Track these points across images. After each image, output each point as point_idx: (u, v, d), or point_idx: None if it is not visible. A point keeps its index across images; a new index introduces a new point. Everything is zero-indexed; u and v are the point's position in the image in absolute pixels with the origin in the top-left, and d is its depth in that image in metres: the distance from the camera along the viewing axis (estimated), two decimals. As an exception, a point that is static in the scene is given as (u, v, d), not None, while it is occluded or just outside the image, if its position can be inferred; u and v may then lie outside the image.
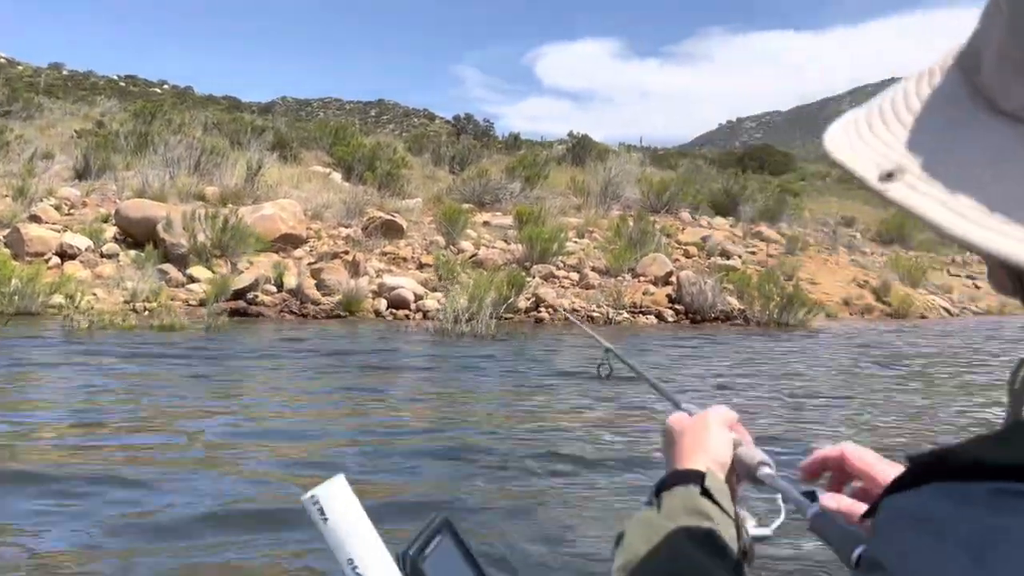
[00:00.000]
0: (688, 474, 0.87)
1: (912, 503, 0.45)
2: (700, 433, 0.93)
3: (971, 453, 0.45)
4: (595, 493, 4.20)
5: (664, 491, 0.86)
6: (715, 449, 0.91)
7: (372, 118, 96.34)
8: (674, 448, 0.94)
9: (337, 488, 0.92)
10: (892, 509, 0.47)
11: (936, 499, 0.44)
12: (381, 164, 20.24)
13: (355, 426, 5.58)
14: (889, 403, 7.13)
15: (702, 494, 0.84)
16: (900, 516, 0.45)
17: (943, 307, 18.65)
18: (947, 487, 0.44)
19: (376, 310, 12.92)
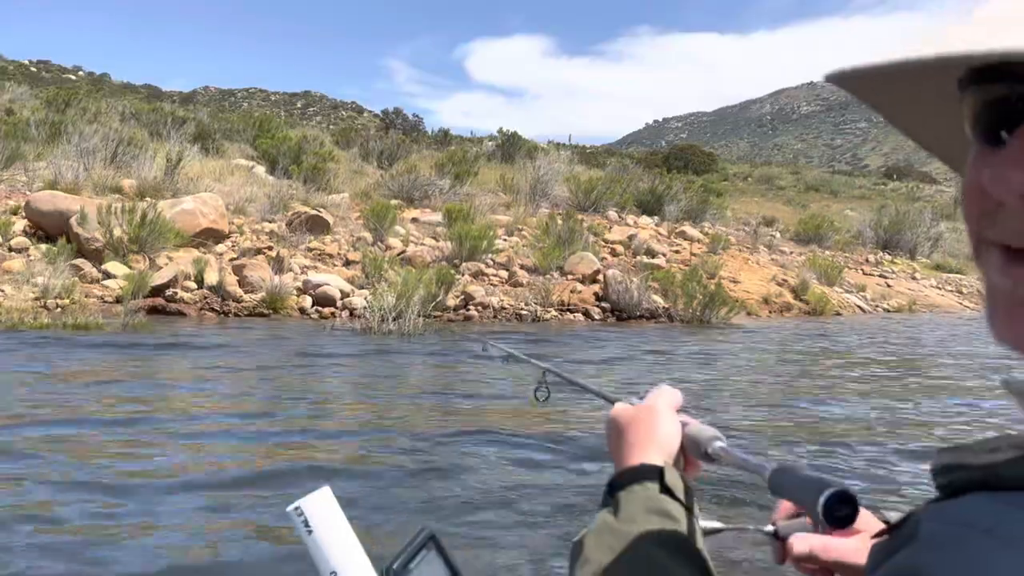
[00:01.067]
0: (644, 470, 0.81)
1: (966, 511, 0.43)
2: (648, 421, 0.87)
3: (1010, 474, 0.44)
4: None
5: (621, 491, 0.80)
6: (665, 436, 0.86)
7: (299, 110, 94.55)
8: (623, 441, 0.88)
9: (322, 499, 0.90)
10: (942, 518, 0.44)
11: (994, 509, 0.42)
12: (307, 158, 19.92)
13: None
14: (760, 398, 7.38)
15: (662, 491, 0.79)
16: (954, 524, 0.43)
17: (857, 305, 19.39)
18: (1000, 496, 0.43)
19: (301, 308, 12.70)
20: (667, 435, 0.86)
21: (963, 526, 0.42)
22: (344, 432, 5.44)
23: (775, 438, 5.59)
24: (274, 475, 4.32)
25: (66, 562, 3.18)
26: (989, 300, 0.49)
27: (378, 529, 3.51)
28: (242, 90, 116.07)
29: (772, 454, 4.92)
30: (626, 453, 0.86)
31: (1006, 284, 0.47)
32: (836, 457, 5.10)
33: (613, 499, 0.80)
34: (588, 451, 4.84)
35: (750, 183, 44.18)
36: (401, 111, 41.56)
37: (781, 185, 45.30)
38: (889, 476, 4.68)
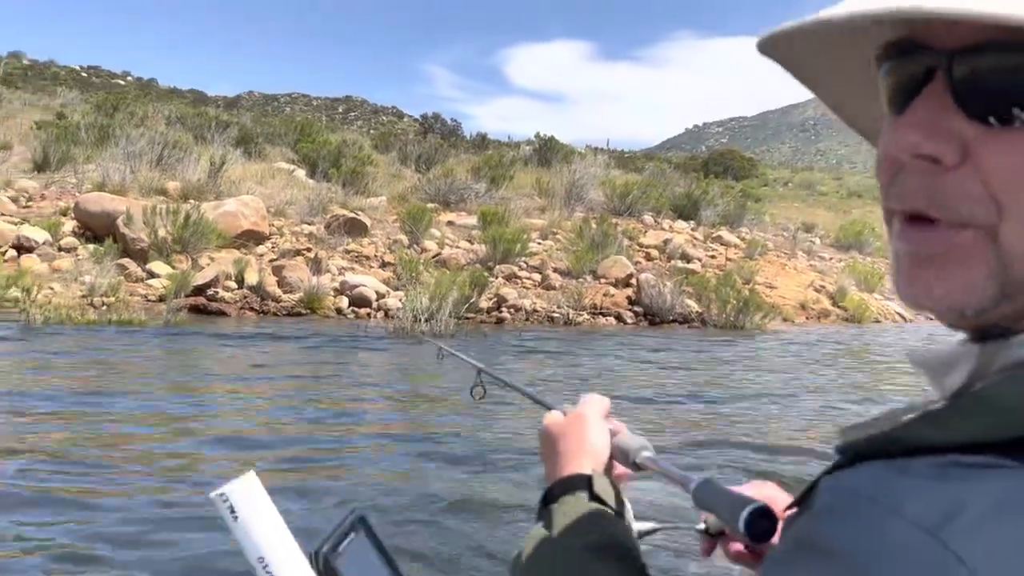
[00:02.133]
0: (573, 480, 0.83)
1: (856, 481, 0.44)
2: (577, 431, 0.89)
3: (907, 435, 0.45)
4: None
5: (553, 503, 0.81)
6: (594, 445, 0.87)
7: (340, 115, 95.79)
8: (554, 452, 0.89)
9: (248, 485, 0.88)
10: (836, 488, 0.45)
11: (882, 477, 0.43)
12: (346, 161, 20.21)
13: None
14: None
15: (592, 500, 0.80)
16: (847, 495, 0.43)
17: (897, 312, 19.10)
18: (889, 464, 0.43)
19: (338, 308, 12.93)
20: (596, 444, 0.87)
21: (852, 495, 0.43)
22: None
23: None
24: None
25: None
26: (893, 265, 0.52)
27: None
28: (285, 95, 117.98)
29: (694, 466, 4.73)
30: (557, 464, 0.87)
31: (907, 245, 0.50)
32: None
33: (546, 511, 0.81)
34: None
35: (791, 188, 43.67)
36: (440, 116, 41.90)
37: (823, 191, 44.70)
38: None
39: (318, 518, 3.52)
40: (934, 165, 0.47)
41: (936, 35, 0.47)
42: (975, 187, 0.46)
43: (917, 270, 0.49)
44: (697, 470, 0.91)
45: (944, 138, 0.46)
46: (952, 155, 0.46)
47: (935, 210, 0.48)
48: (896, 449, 0.44)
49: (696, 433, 5.70)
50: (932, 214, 0.48)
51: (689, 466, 3.91)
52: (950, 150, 0.46)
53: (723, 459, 4.61)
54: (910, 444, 0.44)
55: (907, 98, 0.49)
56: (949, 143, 0.46)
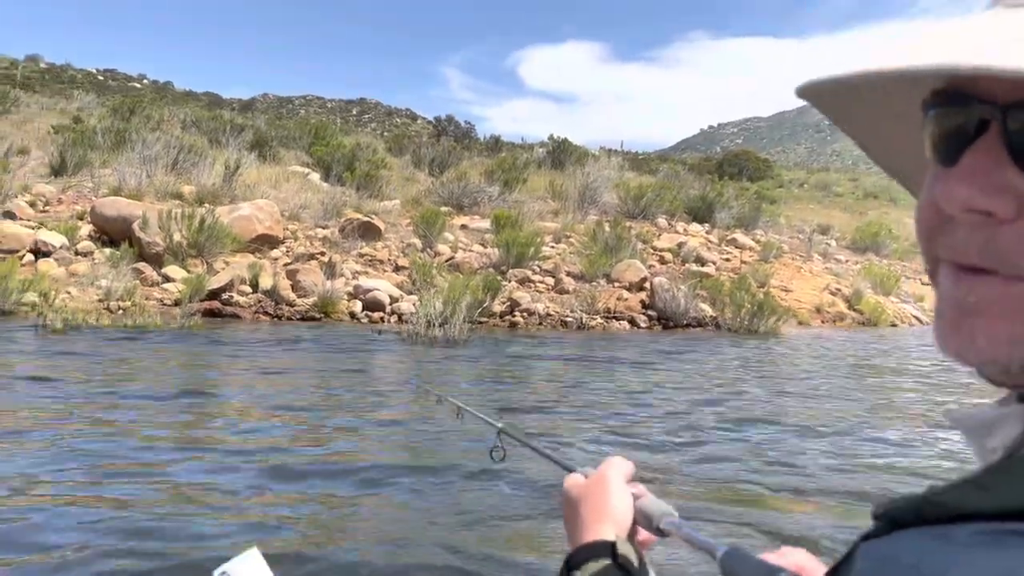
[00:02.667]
0: (596, 547, 0.82)
1: (894, 548, 0.43)
2: (600, 495, 0.88)
3: (949, 500, 0.43)
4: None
5: (575, 570, 0.80)
6: (617, 510, 0.87)
7: (354, 117, 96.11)
8: (576, 516, 0.88)
9: (250, 561, 0.87)
10: (875, 557, 0.43)
11: (922, 544, 0.41)
12: (360, 165, 20.28)
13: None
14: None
15: (615, 566, 0.79)
16: (884, 564, 0.42)
17: (914, 316, 18.94)
18: (928, 531, 0.42)
19: (351, 312, 12.96)
20: (619, 509, 0.87)
21: (892, 563, 0.42)
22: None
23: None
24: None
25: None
26: (937, 311, 0.50)
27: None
28: (299, 97, 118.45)
29: (719, 533, 4.03)
30: (580, 529, 0.86)
31: (955, 293, 0.48)
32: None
33: None
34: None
35: (806, 189, 43.42)
36: (453, 118, 41.92)
37: (838, 192, 44.41)
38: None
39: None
40: (987, 218, 0.46)
41: (987, 86, 0.46)
42: None
43: (962, 318, 0.48)
44: (725, 530, 0.88)
45: (999, 192, 0.45)
46: (1007, 209, 0.45)
47: (990, 263, 0.47)
48: (937, 514, 0.42)
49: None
50: (987, 266, 0.47)
51: (718, 528, 3.71)
52: (1005, 204, 0.45)
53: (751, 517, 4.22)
54: (952, 510, 0.42)
55: (957, 149, 0.48)
56: (1004, 197, 0.45)
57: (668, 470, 4.89)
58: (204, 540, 3.49)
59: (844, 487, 4.63)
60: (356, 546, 3.53)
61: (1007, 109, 0.45)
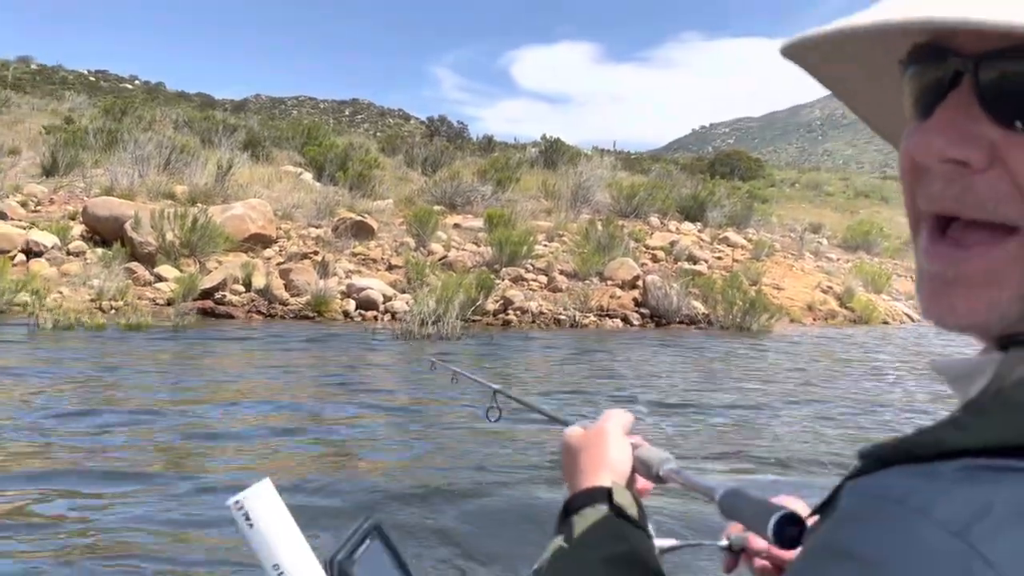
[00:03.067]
0: (594, 493, 0.82)
1: (882, 486, 0.43)
2: (598, 445, 0.88)
3: (931, 439, 0.44)
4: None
5: (573, 515, 0.81)
6: (615, 459, 0.87)
7: (347, 117, 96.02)
8: (574, 466, 0.89)
9: (263, 492, 0.87)
10: (860, 494, 0.44)
11: (907, 480, 0.42)
12: (353, 164, 20.27)
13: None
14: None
15: (612, 512, 0.80)
16: (872, 500, 0.43)
17: (906, 313, 19.03)
18: (913, 468, 0.43)
19: (345, 311, 12.97)
20: (617, 458, 0.87)
21: (878, 499, 0.42)
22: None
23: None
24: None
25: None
26: (917, 278, 0.52)
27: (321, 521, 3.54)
28: (292, 98, 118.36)
29: (717, 474, 4.59)
30: (578, 478, 0.86)
31: (930, 266, 0.50)
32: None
33: (566, 524, 0.81)
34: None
35: (797, 189, 43.57)
36: (446, 118, 42.00)
37: (829, 191, 44.57)
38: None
39: (327, 523, 3.54)
40: (962, 168, 0.47)
41: (962, 40, 0.47)
42: (1005, 187, 0.46)
43: (942, 288, 0.50)
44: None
45: (971, 142, 0.47)
46: (980, 159, 0.47)
47: (966, 211, 0.48)
48: (921, 453, 0.43)
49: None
50: (964, 215, 0.48)
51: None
52: (978, 154, 0.47)
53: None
54: (935, 448, 0.43)
55: (933, 102, 0.49)
56: (977, 147, 0.46)
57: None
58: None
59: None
60: (358, 477, 3.71)
61: (979, 60, 0.46)
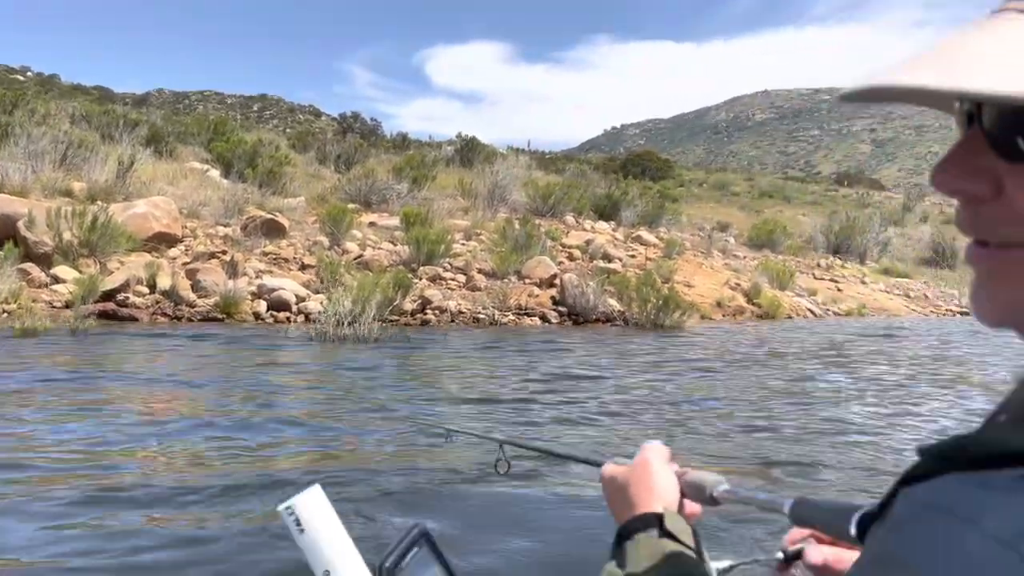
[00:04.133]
0: (645, 519, 0.84)
1: (934, 494, 0.44)
2: (644, 477, 0.91)
3: (991, 440, 0.44)
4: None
5: (626, 541, 0.83)
6: (663, 487, 0.90)
7: (255, 113, 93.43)
8: (623, 499, 0.91)
9: (314, 498, 0.91)
10: (912, 502, 0.45)
11: (959, 489, 0.42)
12: (263, 161, 19.73)
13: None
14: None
15: (664, 536, 0.82)
16: (923, 508, 0.43)
17: (809, 309, 19.79)
18: (968, 476, 0.43)
19: (255, 312, 12.59)
20: (665, 486, 0.90)
21: (928, 507, 0.43)
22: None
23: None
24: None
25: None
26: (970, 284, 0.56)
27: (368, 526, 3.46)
28: (196, 93, 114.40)
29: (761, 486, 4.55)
30: (628, 509, 0.89)
31: (971, 268, 0.54)
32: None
33: (619, 550, 0.83)
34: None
35: (705, 189, 44.87)
36: (359, 115, 41.39)
37: (736, 191, 46.08)
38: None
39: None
40: (972, 198, 0.52)
41: None
42: (1011, 213, 0.50)
43: (975, 289, 0.53)
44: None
45: (976, 175, 0.50)
46: (984, 190, 0.50)
47: (982, 235, 0.52)
48: (980, 454, 0.44)
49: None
50: (981, 238, 0.52)
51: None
52: (983, 186, 0.50)
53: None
54: (995, 449, 0.43)
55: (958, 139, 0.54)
56: (980, 179, 0.50)
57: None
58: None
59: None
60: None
61: (981, 103, 0.50)
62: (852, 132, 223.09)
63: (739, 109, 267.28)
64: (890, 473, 4.69)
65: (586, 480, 4.02)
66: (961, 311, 23.41)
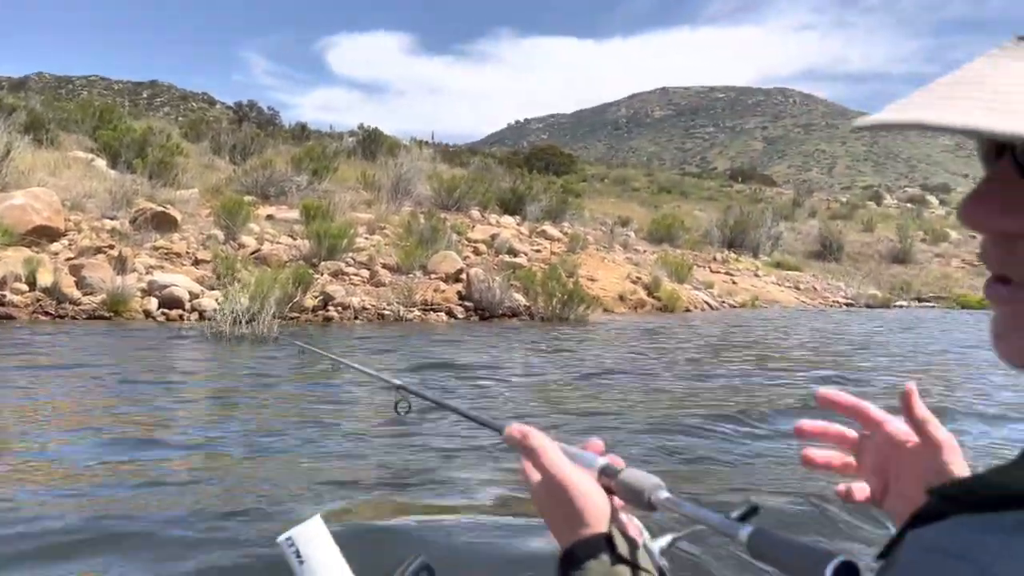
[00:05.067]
0: (593, 543, 0.77)
1: (941, 537, 0.44)
2: (567, 491, 0.81)
3: (997, 482, 0.45)
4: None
5: (574, 571, 0.76)
6: (595, 502, 0.80)
7: (144, 100, 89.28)
8: (555, 518, 0.82)
9: (314, 529, 0.90)
10: (921, 546, 0.45)
11: (966, 532, 0.43)
12: (153, 151, 18.83)
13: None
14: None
15: (618, 563, 0.75)
16: (930, 551, 0.44)
17: (706, 301, 20.40)
18: (975, 519, 0.43)
19: (146, 310, 11.99)
20: (596, 501, 0.81)
21: (938, 552, 0.43)
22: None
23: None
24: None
25: None
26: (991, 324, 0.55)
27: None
28: (81, 78, 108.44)
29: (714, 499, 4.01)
30: (566, 529, 0.81)
31: (993, 307, 0.52)
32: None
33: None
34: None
35: (607, 184, 45.66)
36: (256, 104, 40.06)
37: (636, 186, 47.13)
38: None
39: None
40: (1004, 234, 0.50)
41: None
42: None
43: (999, 329, 0.52)
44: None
45: (1011, 211, 0.48)
46: (1018, 226, 0.48)
47: (1009, 272, 0.50)
48: (988, 496, 0.44)
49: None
50: (1008, 276, 0.50)
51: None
52: (1016, 222, 0.48)
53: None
54: (1002, 491, 0.43)
55: (988, 169, 0.51)
56: (1015, 215, 0.48)
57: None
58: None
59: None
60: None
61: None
62: (745, 130, 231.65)
63: (638, 106, 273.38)
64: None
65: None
66: (847, 302, 24.68)
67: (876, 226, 36.61)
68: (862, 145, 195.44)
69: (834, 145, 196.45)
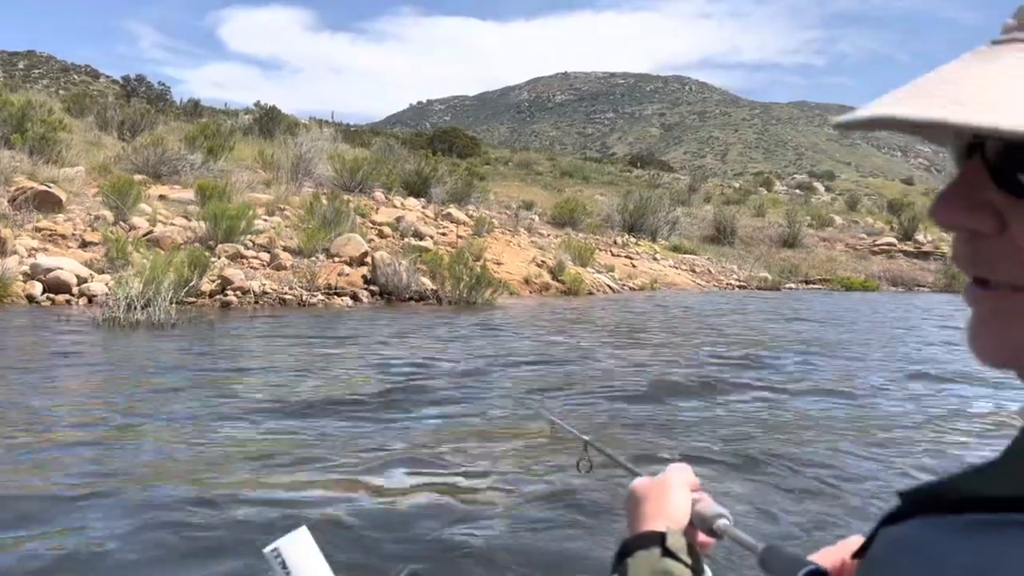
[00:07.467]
0: (648, 536, 0.87)
1: (906, 535, 0.49)
2: (660, 495, 0.95)
3: (959, 487, 0.48)
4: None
5: (627, 558, 0.85)
6: (674, 510, 0.93)
7: (20, 71, 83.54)
8: (636, 513, 0.95)
9: (300, 539, 0.90)
10: (887, 541, 0.50)
11: (927, 530, 0.47)
12: (33, 126, 17.67)
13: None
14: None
15: (665, 555, 0.84)
16: (895, 548, 0.48)
17: (607, 284, 20.79)
18: (935, 519, 0.48)
19: (29, 295, 11.27)
20: (677, 508, 0.93)
21: (902, 547, 0.48)
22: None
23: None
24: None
25: None
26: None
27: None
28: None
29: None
30: (637, 524, 0.93)
31: (970, 307, 0.53)
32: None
33: (620, 566, 0.85)
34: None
35: (511, 167, 45.78)
36: (145, 78, 38.15)
37: (539, 170, 47.41)
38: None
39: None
40: (973, 233, 0.50)
41: None
42: (1012, 250, 0.49)
43: (975, 328, 0.52)
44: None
45: (978, 210, 0.49)
46: (987, 225, 0.49)
47: (982, 272, 0.51)
48: (951, 499, 0.47)
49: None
50: (981, 276, 0.51)
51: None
52: (984, 221, 0.49)
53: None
54: (962, 495, 0.47)
55: (959, 169, 0.53)
56: (983, 214, 0.49)
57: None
58: None
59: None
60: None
61: (987, 136, 0.49)
62: (643, 116, 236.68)
63: (540, 90, 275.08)
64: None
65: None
66: (739, 284, 25.64)
67: (767, 211, 38.11)
68: (753, 133, 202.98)
69: (727, 132, 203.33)
